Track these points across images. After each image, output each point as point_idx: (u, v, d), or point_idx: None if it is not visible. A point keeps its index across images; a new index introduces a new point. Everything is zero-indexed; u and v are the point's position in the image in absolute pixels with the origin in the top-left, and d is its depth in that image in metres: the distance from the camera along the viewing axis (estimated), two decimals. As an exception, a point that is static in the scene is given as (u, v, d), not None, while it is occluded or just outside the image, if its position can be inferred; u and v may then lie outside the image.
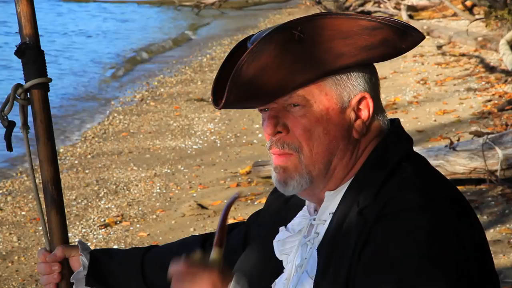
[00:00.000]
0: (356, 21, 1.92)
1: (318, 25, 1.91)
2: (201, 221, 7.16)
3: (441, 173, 2.00)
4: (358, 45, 1.92)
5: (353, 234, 1.86)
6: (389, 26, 1.93)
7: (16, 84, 2.25)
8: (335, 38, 1.91)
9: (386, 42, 1.94)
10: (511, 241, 5.93)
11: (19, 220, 7.55)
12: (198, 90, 13.66)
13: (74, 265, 2.31)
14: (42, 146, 2.28)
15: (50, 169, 2.29)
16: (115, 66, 17.00)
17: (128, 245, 6.76)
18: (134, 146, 10.12)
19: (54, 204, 2.29)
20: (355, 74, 1.96)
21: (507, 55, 10.79)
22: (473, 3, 17.02)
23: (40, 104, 2.26)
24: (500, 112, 9.48)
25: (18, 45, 2.24)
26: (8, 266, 6.51)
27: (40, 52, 2.26)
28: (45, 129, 2.27)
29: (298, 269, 1.99)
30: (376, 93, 2.01)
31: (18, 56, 2.25)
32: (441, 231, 1.80)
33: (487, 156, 6.78)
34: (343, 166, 1.97)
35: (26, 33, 2.25)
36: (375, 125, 1.99)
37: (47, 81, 2.27)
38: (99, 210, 7.71)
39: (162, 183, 8.47)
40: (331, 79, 1.94)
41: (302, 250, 2.00)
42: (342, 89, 1.95)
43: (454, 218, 1.85)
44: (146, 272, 2.36)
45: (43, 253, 2.30)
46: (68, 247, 2.30)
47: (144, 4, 30.32)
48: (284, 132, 1.96)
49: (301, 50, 1.91)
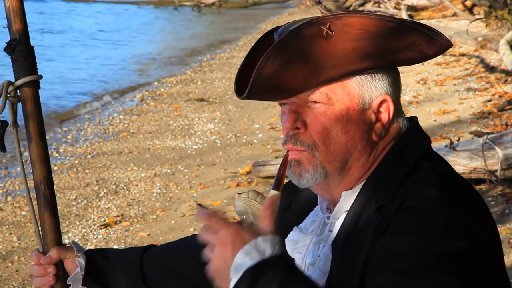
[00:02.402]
0: (385, 22, 1.91)
1: (347, 23, 1.90)
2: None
3: (457, 172, 1.99)
4: (385, 47, 1.91)
5: (370, 229, 1.85)
6: (418, 30, 1.92)
7: (7, 82, 2.18)
8: (363, 38, 1.89)
9: (413, 47, 1.93)
10: (511, 241, 5.93)
11: (19, 220, 7.54)
12: (198, 90, 13.66)
13: (69, 267, 2.27)
14: (34, 146, 2.21)
15: (42, 169, 2.22)
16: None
17: (128, 245, 6.75)
18: (134, 146, 10.12)
19: (48, 205, 2.24)
20: (379, 76, 1.95)
21: (507, 55, 10.79)
22: (473, 3, 17.02)
23: (32, 103, 2.20)
24: (500, 112, 9.48)
25: (8, 41, 2.17)
26: (8, 266, 6.50)
27: (30, 48, 2.19)
28: (37, 128, 2.20)
29: (310, 267, 1.98)
30: (397, 96, 1.99)
31: (8, 53, 2.17)
32: (458, 225, 1.79)
33: (487, 156, 6.78)
34: (359, 166, 1.96)
35: (16, 28, 2.17)
36: (394, 127, 1.98)
37: (38, 78, 2.20)
38: (99, 210, 7.71)
39: (162, 183, 8.47)
40: (355, 79, 1.93)
41: (314, 249, 1.99)
42: (364, 90, 1.94)
43: (471, 214, 1.84)
44: (145, 271, 2.33)
45: (37, 255, 2.26)
46: (63, 249, 2.26)
47: (144, 4, 30.31)
48: (302, 129, 1.95)
49: (328, 47, 1.89)
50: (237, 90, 1.96)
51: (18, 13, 2.17)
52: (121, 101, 13.18)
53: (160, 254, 2.37)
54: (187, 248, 2.32)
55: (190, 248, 2.30)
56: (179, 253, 2.33)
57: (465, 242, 1.77)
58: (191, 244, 2.32)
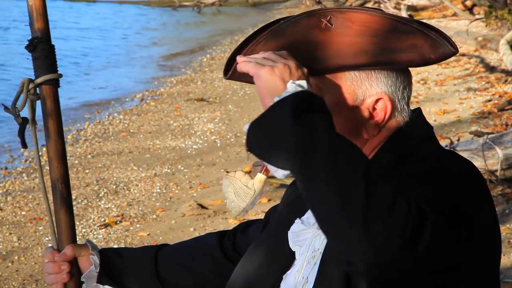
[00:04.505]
0: (392, 22, 1.89)
1: (349, 18, 1.89)
2: (201, 221, 7.16)
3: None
4: (384, 46, 1.88)
5: None
6: (423, 33, 1.88)
7: (28, 79, 2.20)
8: (363, 35, 1.87)
9: (415, 49, 1.88)
10: (511, 241, 5.93)
11: (19, 220, 7.55)
12: (198, 90, 13.66)
13: (83, 265, 2.27)
14: (52, 143, 2.22)
15: (60, 166, 2.23)
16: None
17: (128, 245, 6.75)
18: (134, 146, 10.12)
19: (64, 202, 2.24)
20: (377, 75, 1.91)
21: (507, 55, 10.79)
22: (473, 3, 17.02)
23: (52, 101, 2.21)
24: (500, 112, 9.48)
25: (29, 39, 2.19)
26: (8, 266, 6.51)
27: (51, 47, 2.21)
28: (56, 126, 2.22)
29: (310, 260, 1.97)
30: (400, 98, 1.94)
31: (29, 51, 2.19)
32: (454, 180, 1.78)
33: (487, 156, 6.79)
34: None
35: (38, 27, 2.19)
36: (392, 123, 1.94)
37: (58, 77, 2.22)
38: (99, 210, 7.71)
39: (162, 183, 8.47)
40: (348, 74, 1.90)
41: (315, 242, 1.99)
42: (357, 86, 1.91)
43: (470, 181, 1.81)
44: (160, 269, 2.33)
45: (51, 252, 2.25)
46: (78, 246, 2.26)
47: (144, 5, 30.32)
48: None
49: (323, 39, 1.88)
50: (225, 70, 1.98)
51: (41, 11, 2.19)
52: (121, 101, 13.18)
53: (175, 253, 2.36)
54: (203, 246, 2.32)
55: (206, 246, 2.30)
56: (195, 252, 2.33)
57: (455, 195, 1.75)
58: (207, 243, 2.33)
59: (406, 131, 1.94)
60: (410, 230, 1.59)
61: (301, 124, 1.65)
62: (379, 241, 1.58)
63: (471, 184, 1.81)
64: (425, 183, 1.74)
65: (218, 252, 2.30)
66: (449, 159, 1.86)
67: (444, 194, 1.73)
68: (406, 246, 1.60)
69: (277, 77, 1.79)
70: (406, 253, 1.61)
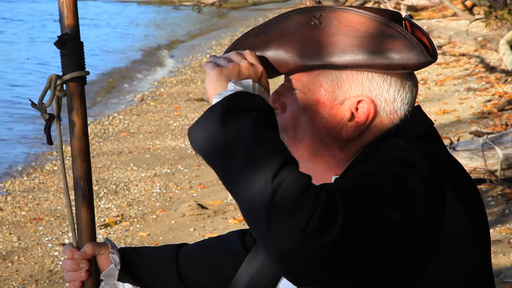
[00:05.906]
0: (377, 24, 1.88)
1: (338, 17, 1.89)
2: (201, 221, 7.16)
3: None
4: (364, 48, 1.87)
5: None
6: (404, 38, 1.86)
7: (56, 75, 2.19)
8: (347, 35, 1.87)
9: (393, 54, 1.86)
10: (511, 241, 5.93)
11: (19, 220, 7.55)
12: (198, 90, 13.66)
13: (102, 263, 2.27)
14: (76, 141, 2.23)
15: (83, 164, 2.24)
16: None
17: (128, 245, 6.76)
18: (134, 146, 10.12)
19: (85, 200, 2.24)
20: (358, 76, 1.91)
21: (507, 55, 10.79)
22: (473, 3, 17.02)
23: (78, 98, 2.22)
24: (500, 112, 9.49)
25: (59, 35, 2.18)
26: (8, 266, 6.51)
27: (80, 44, 2.21)
28: (82, 123, 2.22)
29: None
30: (387, 100, 1.91)
31: (58, 47, 2.19)
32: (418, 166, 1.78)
33: (487, 156, 6.79)
34: (332, 157, 1.93)
35: (68, 23, 2.19)
36: (378, 126, 1.92)
37: (85, 74, 2.22)
38: (99, 210, 7.71)
39: (162, 183, 8.47)
40: (329, 73, 1.91)
41: None
42: (338, 86, 1.91)
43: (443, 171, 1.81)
44: (181, 267, 2.33)
45: (71, 249, 2.25)
46: (97, 245, 2.26)
47: (144, 4, 30.34)
48: (279, 110, 1.96)
49: (311, 37, 1.89)
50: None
51: (71, 8, 2.19)
52: (121, 101, 13.18)
53: (197, 250, 2.37)
54: (225, 243, 2.33)
55: (229, 243, 2.31)
56: (217, 249, 2.34)
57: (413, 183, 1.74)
58: (229, 240, 2.33)
59: (394, 133, 1.92)
60: (313, 226, 1.60)
61: (227, 128, 1.73)
62: (279, 240, 1.61)
63: (431, 184, 1.78)
64: (372, 175, 1.74)
65: (240, 248, 2.30)
66: (415, 152, 1.82)
67: (389, 187, 1.72)
68: (307, 241, 1.61)
69: (223, 78, 1.88)
70: (311, 247, 1.61)
